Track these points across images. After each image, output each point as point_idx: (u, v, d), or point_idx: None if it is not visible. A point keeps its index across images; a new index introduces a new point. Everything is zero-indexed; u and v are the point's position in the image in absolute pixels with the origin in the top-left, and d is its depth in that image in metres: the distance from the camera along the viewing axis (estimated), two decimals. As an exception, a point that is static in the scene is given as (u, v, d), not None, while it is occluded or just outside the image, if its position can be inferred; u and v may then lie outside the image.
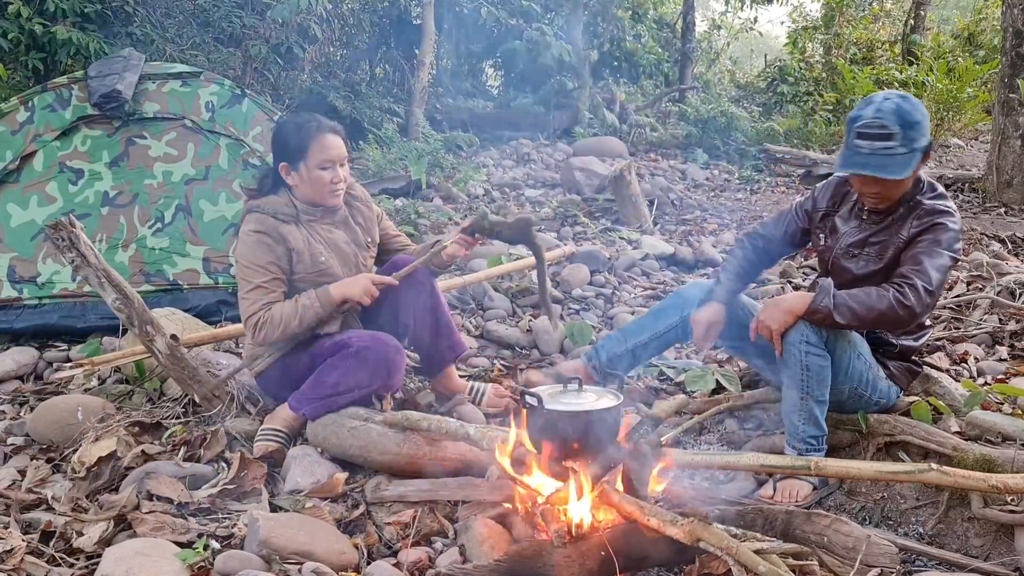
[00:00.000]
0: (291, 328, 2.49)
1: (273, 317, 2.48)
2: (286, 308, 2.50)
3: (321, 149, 2.54)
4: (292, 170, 2.58)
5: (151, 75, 3.84)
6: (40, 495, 2.26)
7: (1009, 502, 2.06)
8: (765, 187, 8.36)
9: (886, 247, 2.40)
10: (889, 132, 2.18)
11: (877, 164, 2.22)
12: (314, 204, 2.63)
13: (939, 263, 2.26)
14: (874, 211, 2.44)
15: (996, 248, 5.56)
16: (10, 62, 6.69)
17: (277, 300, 2.52)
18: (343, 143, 2.63)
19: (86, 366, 2.94)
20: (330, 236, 2.68)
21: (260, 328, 2.48)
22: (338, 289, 2.54)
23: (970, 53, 12.87)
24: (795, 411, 2.39)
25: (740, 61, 19.81)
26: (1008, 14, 7.15)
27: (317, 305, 2.51)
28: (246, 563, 1.88)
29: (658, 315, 2.78)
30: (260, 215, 2.55)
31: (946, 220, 2.31)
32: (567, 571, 1.82)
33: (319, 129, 2.56)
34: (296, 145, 2.54)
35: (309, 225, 2.63)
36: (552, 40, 10.01)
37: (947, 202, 2.36)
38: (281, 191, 2.63)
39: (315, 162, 2.54)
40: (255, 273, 2.50)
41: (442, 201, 6.66)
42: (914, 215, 2.36)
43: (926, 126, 2.24)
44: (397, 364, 2.57)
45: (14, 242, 3.58)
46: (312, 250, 2.60)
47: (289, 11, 7.31)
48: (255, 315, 2.49)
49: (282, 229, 2.55)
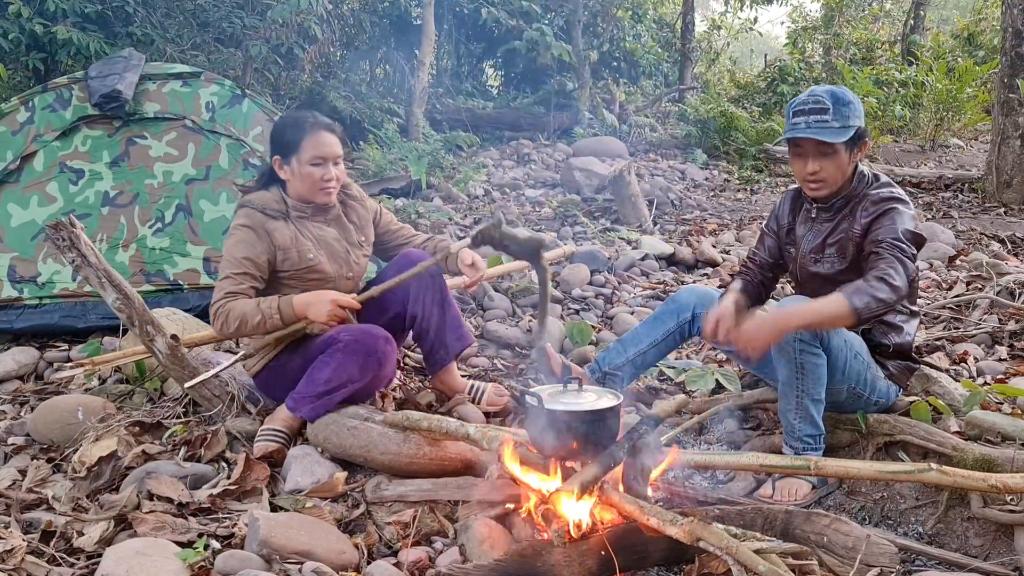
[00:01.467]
0: (248, 327, 2.45)
1: (232, 310, 2.44)
2: (247, 305, 2.46)
3: (314, 145, 2.56)
4: (284, 164, 2.60)
5: (151, 75, 3.84)
6: (41, 495, 2.26)
7: (1009, 502, 2.07)
8: (765, 187, 8.36)
9: (844, 245, 2.43)
10: (823, 106, 2.30)
11: (813, 132, 2.31)
12: (305, 201, 2.64)
13: (902, 229, 2.27)
14: (822, 208, 2.49)
15: (996, 248, 5.57)
16: (10, 62, 6.69)
17: (243, 294, 2.50)
18: (339, 142, 2.64)
19: (87, 366, 2.94)
20: (320, 233, 2.68)
21: (217, 318, 2.46)
22: (301, 304, 2.46)
23: (970, 53, 12.88)
24: (791, 410, 2.40)
25: (740, 61, 19.81)
26: (1008, 14, 7.16)
27: (277, 316, 2.45)
28: (246, 563, 1.88)
29: (655, 323, 2.79)
30: (249, 210, 2.57)
31: (896, 205, 2.34)
32: (567, 571, 1.82)
33: (314, 126, 2.58)
34: (290, 140, 2.57)
35: (299, 222, 2.63)
36: (552, 40, 10.01)
37: (894, 189, 2.40)
38: (273, 188, 2.65)
39: (307, 157, 2.56)
40: (229, 264, 2.52)
41: (442, 201, 6.66)
42: (861, 207, 2.40)
43: (859, 109, 2.35)
44: (387, 354, 2.56)
45: (15, 242, 3.59)
46: (300, 247, 2.60)
47: (289, 11, 7.31)
48: (216, 303, 2.47)
49: (269, 225, 2.56)
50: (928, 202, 7.51)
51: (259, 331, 2.50)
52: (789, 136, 2.38)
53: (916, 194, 7.88)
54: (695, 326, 2.75)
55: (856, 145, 2.38)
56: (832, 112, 2.30)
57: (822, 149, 2.35)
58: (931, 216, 6.83)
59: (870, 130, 10.21)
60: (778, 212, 2.71)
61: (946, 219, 6.70)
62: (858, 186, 2.43)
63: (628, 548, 1.90)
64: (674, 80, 13.98)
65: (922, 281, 4.43)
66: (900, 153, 10.43)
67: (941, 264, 4.99)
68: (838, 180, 2.41)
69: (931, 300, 4.10)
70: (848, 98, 2.33)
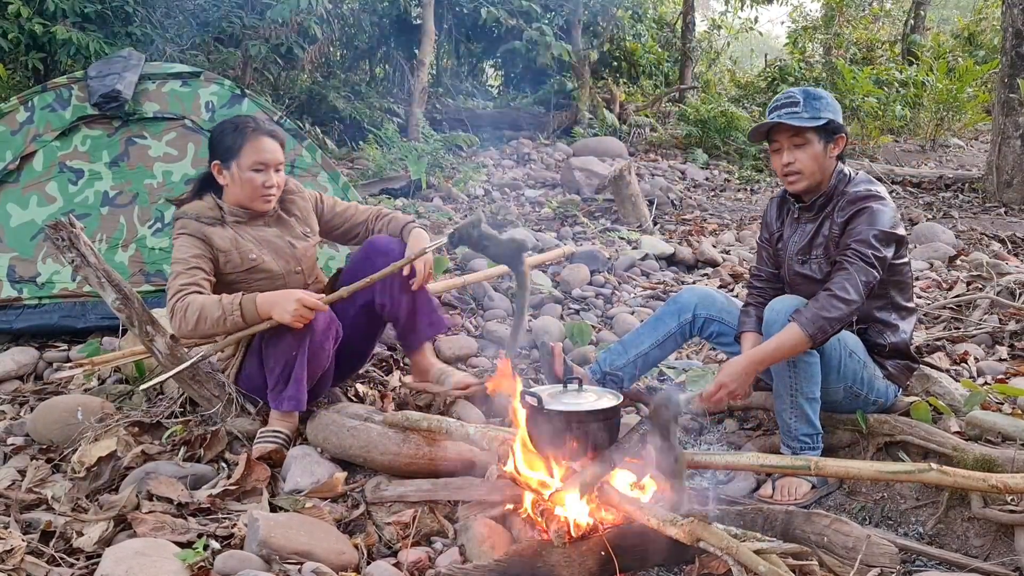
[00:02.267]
0: (207, 323, 2.34)
1: (191, 303, 2.34)
2: (207, 300, 2.36)
3: (255, 151, 2.51)
4: (224, 169, 2.55)
5: (151, 75, 3.84)
6: (40, 495, 2.26)
7: (1009, 502, 2.07)
8: (765, 187, 8.36)
9: (828, 247, 2.46)
10: (794, 100, 2.43)
11: (783, 118, 2.41)
12: (243, 207, 2.59)
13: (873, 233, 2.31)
14: (804, 207, 2.53)
15: (996, 248, 5.56)
16: (10, 62, 6.69)
17: (197, 286, 2.41)
18: (280, 148, 2.59)
19: (86, 366, 2.94)
20: (260, 234, 2.63)
21: (175, 313, 2.36)
22: (265, 303, 2.36)
23: (970, 53, 12.88)
24: (787, 410, 2.40)
25: (740, 61, 19.79)
26: (1008, 14, 7.16)
27: (238, 312, 2.35)
28: (246, 563, 1.88)
29: (656, 323, 2.79)
30: (184, 220, 2.52)
31: (871, 203, 2.37)
32: (567, 571, 1.82)
33: (255, 131, 2.53)
34: (230, 144, 2.52)
35: (236, 226, 2.59)
36: (552, 40, 10.01)
37: (871, 187, 2.44)
38: (207, 196, 2.60)
39: (248, 163, 2.52)
40: (177, 265, 2.45)
41: (442, 201, 6.66)
42: (838, 207, 2.44)
43: (833, 106, 2.45)
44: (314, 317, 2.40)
45: (14, 242, 3.58)
46: (240, 248, 2.56)
47: (289, 11, 7.31)
48: (172, 298, 2.38)
49: (206, 231, 2.51)
50: (928, 202, 7.51)
51: (218, 329, 2.38)
52: (762, 127, 2.48)
53: (916, 194, 7.88)
54: (696, 326, 2.75)
55: (831, 140, 2.45)
56: (803, 104, 2.40)
57: (795, 141, 2.43)
58: (931, 216, 6.82)
59: (871, 130, 10.25)
60: (767, 219, 2.74)
61: (946, 219, 6.70)
62: (838, 185, 2.48)
63: (628, 548, 1.89)
64: (674, 80, 13.96)
65: (922, 281, 4.43)
66: (900, 153, 10.43)
67: (941, 264, 4.98)
68: (814, 172, 2.45)
69: (931, 300, 4.10)
70: (820, 94, 2.44)
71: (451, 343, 3.45)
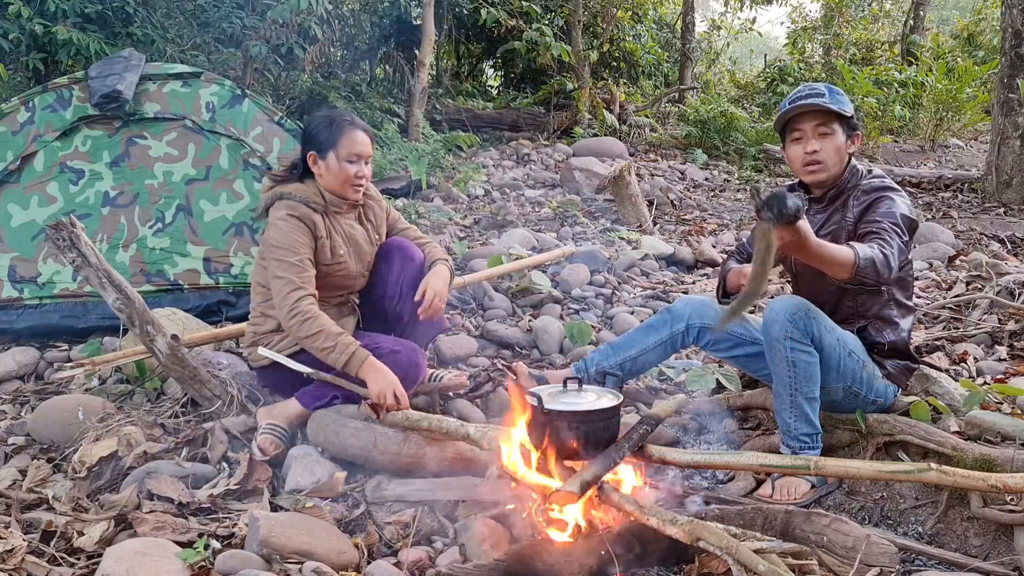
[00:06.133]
0: (314, 343, 2.44)
1: (316, 319, 2.44)
2: (330, 326, 2.45)
3: (351, 142, 2.62)
4: (320, 159, 2.63)
5: (152, 75, 3.84)
6: (41, 495, 2.26)
7: (1008, 502, 2.07)
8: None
9: (837, 235, 2.47)
10: (819, 92, 2.48)
11: (813, 103, 2.45)
12: (337, 195, 2.68)
13: (899, 213, 2.34)
14: (814, 198, 2.56)
15: (995, 248, 5.57)
16: (10, 62, 6.69)
17: (308, 282, 2.51)
18: (370, 142, 2.70)
19: (87, 366, 2.94)
20: (351, 231, 2.73)
21: (295, 314, 2.45)
22: (368, 369, 2.43)
23: (970, 53, 12.90)
24: (786, 409, 2.41)
25: (740, 61, 19.80)
26: (1008, 14, 7.16)
27: (344, 358, 2.42)
28: (246, 563, 1.88)
29: (648, 331, 2.80)
30: (292, 202, 2.59)
31: (889, 193, 2.42)
32: (567, 571, 1.83)
33: (352, 124, 2.65)
34: (328, 135, 2.62)
35: (334, 216, 2.68)
36: (552, 40, 10.01)
37: (886, 180, 2.49)
38: (308, 181, 2.68)
39: (344, 154, 2.61)
40: (289, 252, 2.52)
41: (442, 201, 6.66)
42: (853, 197, 2.47)
43: (850, 105, 2.51)
44: (422, 366, 2.65)
45: (15, 242, 3.59)
46: (333, 242, 2.65)
47: (289, 11, 7.31)
48: (289, 294, 2.46)
49: (314, 217, 2.60)
50: (928, 202, 7.51)
51: (316, 353, 2.46)
52: (790, 112, 2.48)
53: (916, 194, 7.88)
54: (690, 336, 2.76)
55: (851, 135, 2.51)
56: (828, 97, 2.45)
57: (821, 130, 2.46)
58: (931, 216, 6.83)
59: (871, 130, 10.24)
60: None
61: (946, 219, 6.70)
62: (851, 178, 2.51)
63: (628, 548, 1.90)
64: (674, 80, 13.97)
65: (922, 281, 4.44)
66: (900, 153, 10.44)
67: (941, 264, 4.99)
68: (836, 164, 2.48)
69: (931, 300, 4.10)
70: (841, 91, 2.52)
71: (451, 343, 3.46)
